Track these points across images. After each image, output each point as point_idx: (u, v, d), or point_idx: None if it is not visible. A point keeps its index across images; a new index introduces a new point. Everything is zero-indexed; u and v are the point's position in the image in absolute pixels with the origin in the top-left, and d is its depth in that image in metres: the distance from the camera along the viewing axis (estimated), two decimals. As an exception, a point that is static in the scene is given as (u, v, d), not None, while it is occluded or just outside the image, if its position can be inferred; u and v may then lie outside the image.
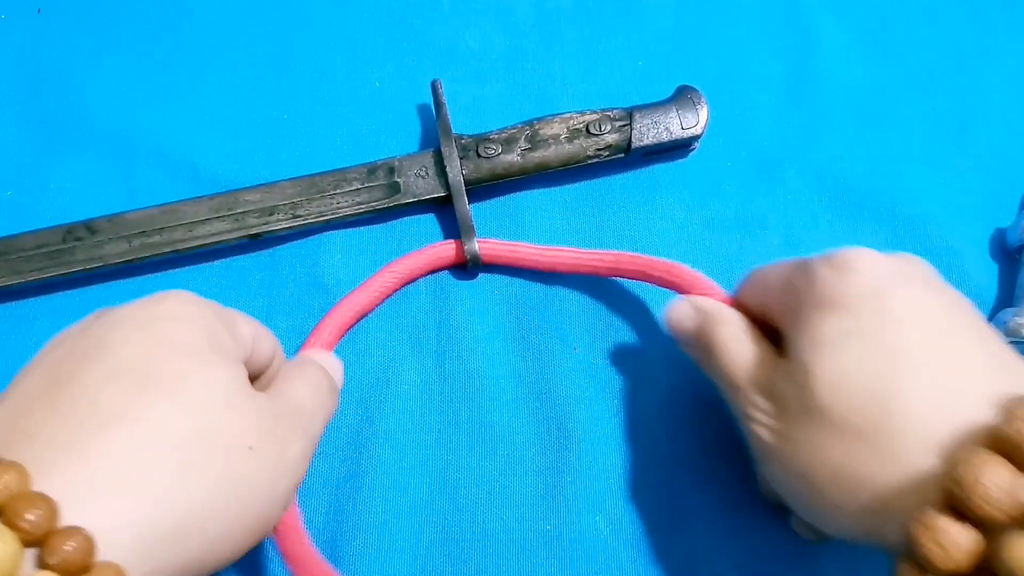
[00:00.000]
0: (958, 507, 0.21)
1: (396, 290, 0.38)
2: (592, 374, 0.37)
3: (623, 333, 0.38)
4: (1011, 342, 0.36)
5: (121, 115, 0.43)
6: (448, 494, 0.36)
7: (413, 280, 0.39)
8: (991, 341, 0.25)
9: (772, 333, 0.30)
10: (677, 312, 0.33)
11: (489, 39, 0.44)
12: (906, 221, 0.40)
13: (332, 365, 0.33)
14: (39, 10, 0.45)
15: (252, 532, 0.25)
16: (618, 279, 0.39)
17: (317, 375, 0.30)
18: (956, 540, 0.21)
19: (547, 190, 0.41)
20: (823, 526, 0.27)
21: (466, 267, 0.38)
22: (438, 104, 0.40)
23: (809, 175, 0.41)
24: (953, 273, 0.39)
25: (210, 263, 0.40)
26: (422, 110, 0.43)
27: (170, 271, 0.39)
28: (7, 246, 0.38)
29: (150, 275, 0.39)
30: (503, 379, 0.37)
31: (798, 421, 0.26)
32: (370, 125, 0.42)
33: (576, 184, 0.41)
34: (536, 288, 0.39)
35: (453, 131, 0.39)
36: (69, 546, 0.20)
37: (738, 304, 0.33)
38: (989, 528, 0.21)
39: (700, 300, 0.33)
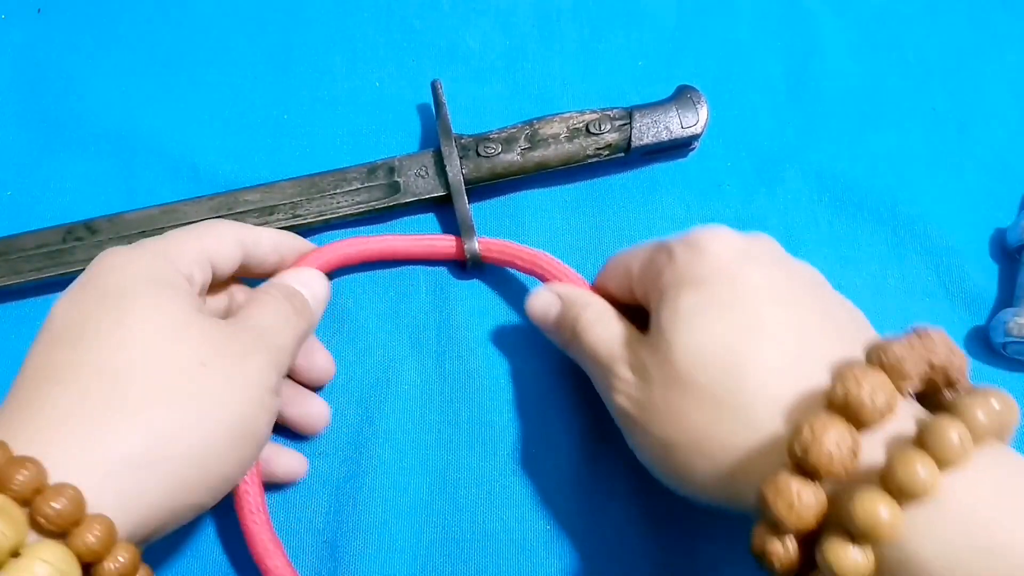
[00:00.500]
0: (804, 468, 0.22)
1: (389, 257, 0.38)
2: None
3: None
4: (1011, 342, 0.36)
5: (121, 115, 0.43)
6: (448, 494, 0.36)
7: (408, 259, 0.39)
8: (837, 310, 0.28)
9: (633, 315, 0.32)
10: (538, 300, 0.34)
11: (489, 39, 0.44)
12: (906, 221, 0.40)
13: (306, 280, 0.33)
14: (39, 10, 0.45)
15: (223, 455, 0.26)
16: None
17: (280, 293, 0.31)
18: (804, 500, 0.22)
19: (547, 190, 0.41)
20: (686, 492, 0.28)
21: (465, 266, 0.38)
22: (438, 104, 0.40)
23: (809, 175, 0.41)
24: (953, 273, 0.39)
25: None
26: (422, 110, 0.43)
27: None
28: (7, 246, 0.38)
29: None
30: (503, 379, 0.37)
31: (660, 391, 0.27)
32: (370, 125, 0.42)
33: (576, 184, 0.41)
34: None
35: (453, 131, 0.39)
36: (60, 503, 0.21)
37: (600, 289, 0.34)
38: (833, 485, 0.23)
39: (560, 287, 0.34)
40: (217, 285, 0.33)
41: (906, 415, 0.23)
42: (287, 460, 0.34)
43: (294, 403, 0.35)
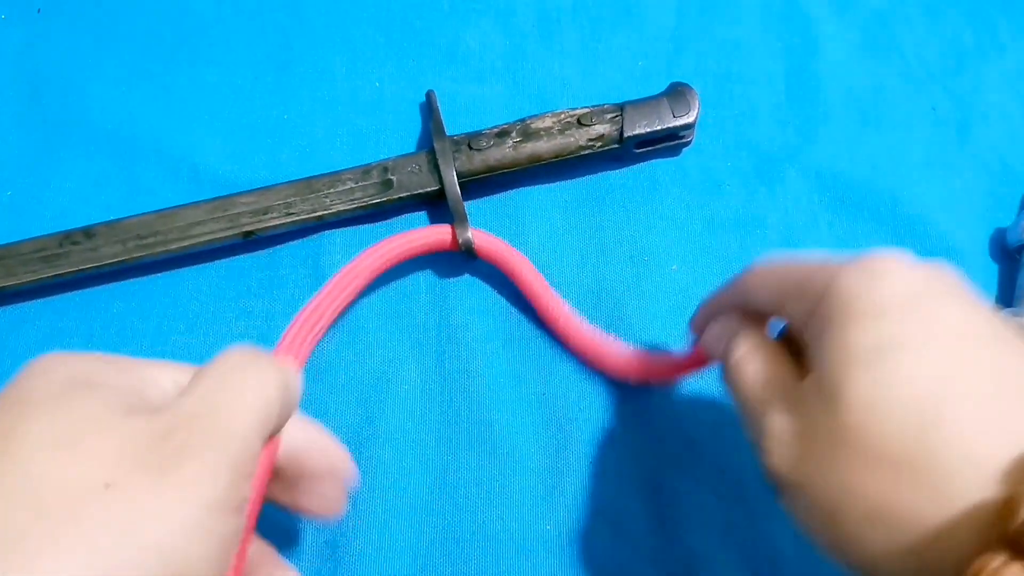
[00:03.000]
0: (1022, 548, 0.18)
1: (387, 268, 0.36)
2: (592, 374, 0.37)
3: (623, 334, 0.38)
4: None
5: (121, 115, 0.43)
6: (448, 494, 0.36)
7: (404, 260, 0.37)
8: None
9: (789, 341, 0.27)
10: (711, 330, 0.30)
11: (489, 39, 0.44)
12: (906, 221, 0.40)
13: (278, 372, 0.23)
14: (39, 10, 0.45)
15: None
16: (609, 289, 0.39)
17: (237, 356, 0.23)
18: None
19: (547, 189, 0.41)
20: (855, 566, 0.23)
21: (459, 251, 0.37)
22: (432, 108, 0.40)
23: (809, 175, 0.41)
24: (953, 273, 0.39)
25: (210, 263, 0.40)
26: (422, 110, 0.43)
27: (169, 271, 0.39)
28: (5, 252, 0.38)
29: (150, 276, 0.39)
30: (503, 379, 0.37)
31: (825, 447, 0.22)
32: (370, 125, 0.42)
33: (576, 183, 0.41)
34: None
35: (447, 132, 0.39)
36: None
37: (744, 301, 0.29)
38: None
39: (723, 317, 0.29)
40: None
41: None
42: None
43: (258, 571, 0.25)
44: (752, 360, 0.27)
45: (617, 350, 0.36)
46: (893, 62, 0.44)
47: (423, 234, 0.37)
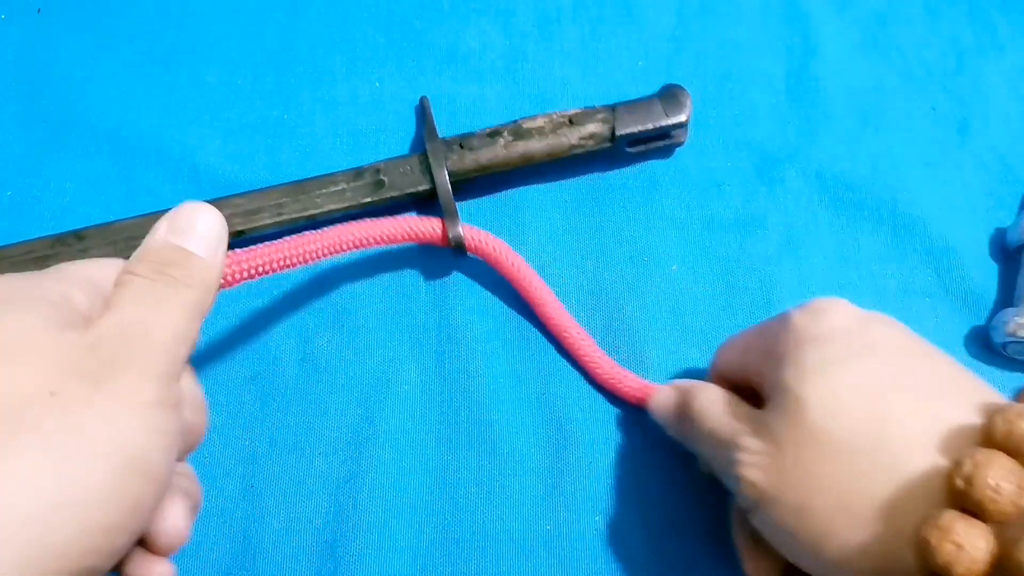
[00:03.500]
0: (968, 504, 0.21)
1: (367, 246, 0.34)
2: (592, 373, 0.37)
3: (622, 334, 0.38)
4: (1011, 342, 0.36)
5: (121, 115, 0.43)
6: (448, 494, 0.36)
7: (388, 243, 0.36)
8: (957, 365, 0.27)
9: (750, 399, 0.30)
10: (659, 396, 0.34)
11: (489, 39, 0.44)
12: (906, 221, 0.40)
13: (185, 224, 0.24)
14: (39, 10, 0.45)
15: (105, 502, 0.19)
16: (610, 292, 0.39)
17: (146, 267, 0.23)
18: (972, 540, 0.20)
19: (546, 190, 0.41)
20: (827, 565, 0.25)
21: (449, 247, 0.37)
22: (425, 112, 0.40)
23: (809, 175, 0.41)
24: (953, 273, 0.39)
25: None
26: (417, 114, 0.43)
27: None
28: None
29: None
30: (503, 379, 0.37)
31: (792, 453, 0.25)
32: (370, 125, 0.42)
33: (574, 184, 0.41)
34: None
35: (446, 133, 0.39)
36: None
37: (716, 377, 0.33)
38: (999, 527, 0.21)
39: (679, 382, 0.33)
40: None
41: None
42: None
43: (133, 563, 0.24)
44: (718, 399, 0.30)
45: (622, 377, 0.36)
46: (893, 62, 0.44)
47: (413, 221, 0.36)
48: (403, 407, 0.37)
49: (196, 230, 0.24)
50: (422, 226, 0.36)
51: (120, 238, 0.38)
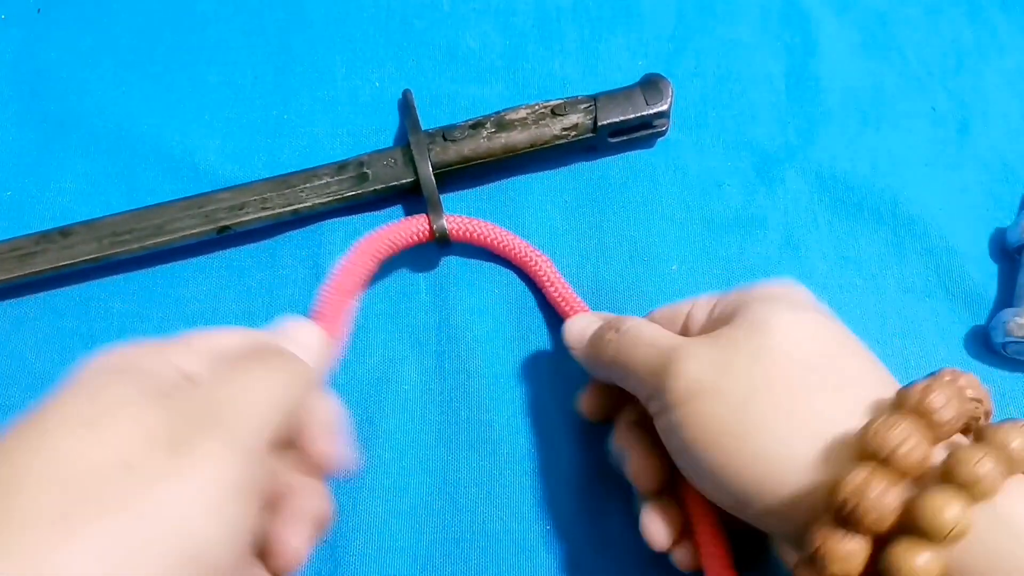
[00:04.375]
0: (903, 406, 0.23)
1: (372, 270, 0.36)
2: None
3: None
4: (1011, 342, 0.36)
5: (121, 115, 0.43)
6: (448, 494, 0.36)
7: (386, 258, 0.37)
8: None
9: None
10: (576, 322, 0.34)
11: (489, 39, 0.44)
12: (906, 221, 0.40)
13: (294, 333, 0.28)
14: (39, 10, 0.45)
15: None
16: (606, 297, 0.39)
17: (250, 353, 0.25)
18: (882, 488, 0.22)
19: (536, 182, 0.41)
20: (748, 484, 0.25)
21: (435, 241, 0.37)
22: (408, 105, 0.40)
23: (809, 175, 0.41)
24: (953, 273, 0.39)
25: (210, 255, 0.40)
26: (422, 111, 0.43)
27: (158, 266, 0.39)
28: None
29: (140, 270, 0.39)
30: (503, 379, 0.37)
31: (748, 356, 0.26)
32: (370, 125, 0.42)
33: (575, 184, 0.41)
34: (536, 288, 0.39)
35: (423, 128, 0.39)
36: None
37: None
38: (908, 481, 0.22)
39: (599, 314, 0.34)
40: None
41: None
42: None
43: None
44: (651, 322, 0.31)
45: None
46: (893, 62, 0.44)
47: (397, 228, 0.36)
48: (403, 407, 0.37)
49: (298, 338, 0.28)
50: (408, 229, 0.36)
51: (105, 234, 0.38)
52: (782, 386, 0.25)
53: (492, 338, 0.38)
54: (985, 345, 0.38)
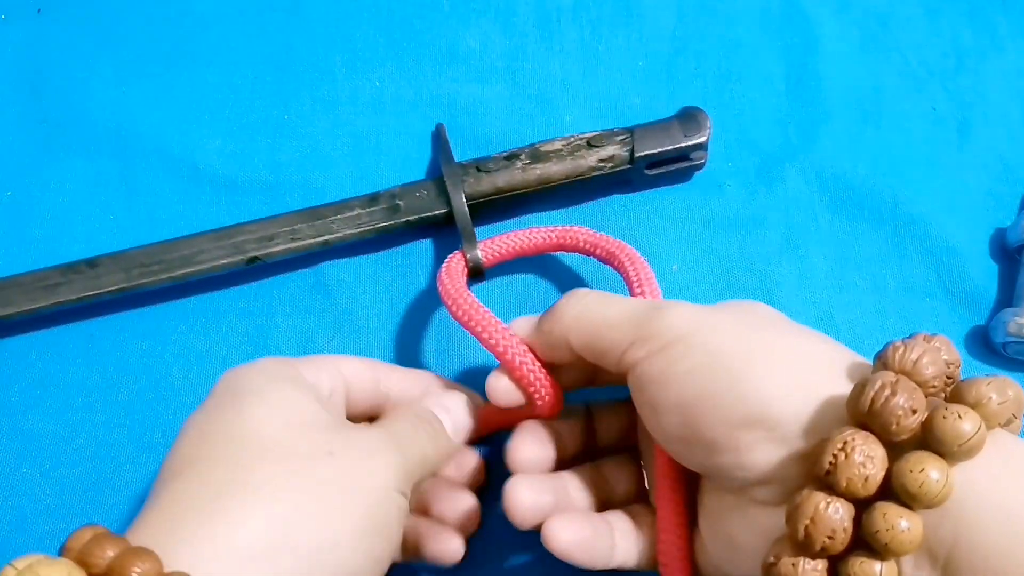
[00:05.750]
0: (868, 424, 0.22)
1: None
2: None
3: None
4: (1011, 342, 0.36)
5: (121, 115, 0.43)
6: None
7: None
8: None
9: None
10: (517, 323, 0.32)
11: (489, 39, 0.44)
12: (906, 221, 0.40)
13: (448, 405, 0.31)
14: (39, 10, 0.45)
15: (350, 549, 0.24)
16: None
17: (415, 412, 0.30)
18: (870, 449, 0.21)
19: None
20: (713, 436, 0.25)
21: (471, 275, 0.37)
22: (440, 138, 0.40)
23: (809, 175, 0.41)
24: (953, 273, 0.39)
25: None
26: (422, 110, 0.43)
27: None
28: (7, 283, 0.37)
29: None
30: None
31: (733, 312, 0.27)
32: (370, 125, 0.42)
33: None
34: (536, 288, 0.39)
35: (450, 141, 0.39)
36: None
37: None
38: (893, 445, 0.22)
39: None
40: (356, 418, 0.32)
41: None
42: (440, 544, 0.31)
43: (428, 537, 0.31)
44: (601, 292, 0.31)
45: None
46: (893, 62, 0.44)
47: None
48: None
49: (454, 415, 0.31)
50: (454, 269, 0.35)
51: (133, 265, 0.37)
52: (782, 325, 0.27)
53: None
54: (985, 345, 0.38)
